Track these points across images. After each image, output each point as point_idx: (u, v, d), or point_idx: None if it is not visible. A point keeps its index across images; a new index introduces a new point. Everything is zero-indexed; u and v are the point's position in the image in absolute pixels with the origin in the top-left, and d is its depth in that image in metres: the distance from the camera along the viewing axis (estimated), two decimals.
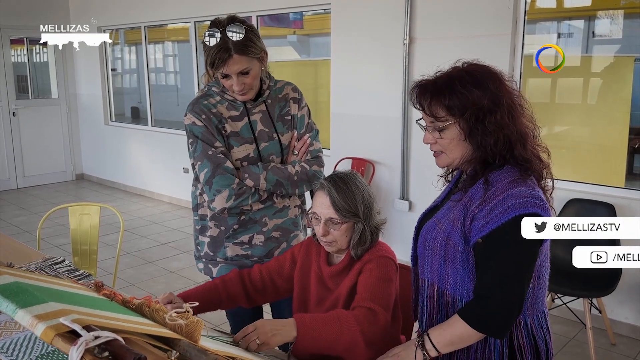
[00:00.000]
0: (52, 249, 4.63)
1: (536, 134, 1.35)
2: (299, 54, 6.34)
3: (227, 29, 1.75)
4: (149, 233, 5.41)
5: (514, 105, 1.31)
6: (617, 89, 3.75)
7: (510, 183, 1.27)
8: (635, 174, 4.23)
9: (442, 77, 1.33)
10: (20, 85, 7.59)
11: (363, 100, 4.53)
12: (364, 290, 1.49)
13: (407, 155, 4.26)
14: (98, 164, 7.75)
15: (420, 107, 1.35)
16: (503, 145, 1.29)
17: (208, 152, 1.83)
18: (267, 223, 1.93)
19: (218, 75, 1.85)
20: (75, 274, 2.15)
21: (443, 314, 1.39)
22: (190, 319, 1.06)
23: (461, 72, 1.32)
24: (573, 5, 3.93)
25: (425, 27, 4.04)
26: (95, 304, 1.09)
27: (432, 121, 1.34)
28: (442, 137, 1.34)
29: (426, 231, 1.42)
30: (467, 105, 1.28)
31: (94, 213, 3.02)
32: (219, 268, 2.00)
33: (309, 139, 1.98)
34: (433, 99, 1.32)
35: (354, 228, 1.55)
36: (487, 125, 1.27)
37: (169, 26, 7.00)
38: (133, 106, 7.86)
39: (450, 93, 1.29)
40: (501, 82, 1.31)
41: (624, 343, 3.24)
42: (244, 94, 1.86)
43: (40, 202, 6.64)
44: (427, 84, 1.34)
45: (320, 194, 1.56)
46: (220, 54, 1.74)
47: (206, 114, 1.85)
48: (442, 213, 1.40)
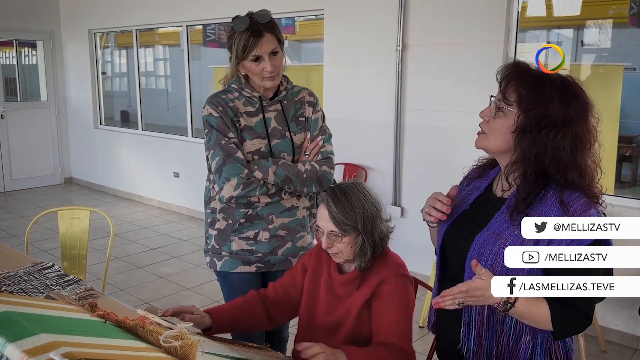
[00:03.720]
0: (40, 253, 4.58)
1: (595, 175, 1.30)
2: (291, 59, 6.35)
3: (255, 15, 1.87)
4: (139, 238, 5.37)
5: (583, 137, 1.26)
6: (606, 98, 3.79)
7: (586, 204, 1.25)
8: (624, 181, 4.27)
9: (539, 72, 1.29)
10: (8, 87, 7.52)
11: (355, 106, 4.53)
12: (390, 325, 1.50)
13: (400, 161, 4.27)
14: (87, 167, 7.68)
15: (500, 81, 1.31)
16: (550, 163, 1.25)
17: (221, 142, 1.90)
18: (273, 220, 1.97)
19: (245, 65, 1.90)
20: (65, 279, 2.12)
21: (492, 330, 1.36)
22: (185, 340, 1.05)
23: (559, 79, 1.28)
24: (562, 15, 3.97)
25: (418, 33, 4.06)
26: (88, 330, 1.07)
27: (500, 99, 1.30)
28: (495, 118, 1.31)
29: (481, 245, 1.33)
30: (539, 105, 1.24)
31: (84, 217, 2.98)
32: (223, 262, 2.03)
33: (321, 141, 2.04)
34: (514, 80, 1.28)
35: (357, 240, 1.54)
36: (542, 135, 1.24)
37: (160, 30, 6.98)
38: (123, 110, 7.82)
39: (532, 86, 1.26)
40: (585, 112, 1.27)
41: (614, 350, 3.25)
42: (273, 78, 1.92)
43: (28, 205, 6.56)
44: (522, 68, 1.30)
45: (321, 207, 1.57)
46: (252, 35, 1.84)
47: (223, 106, 1.94)
48: (498, 226, 1.33)
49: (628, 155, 4.07)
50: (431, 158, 4.07)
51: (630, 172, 4.30)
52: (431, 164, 4.07)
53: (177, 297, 3.93)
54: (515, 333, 1.35)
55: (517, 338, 1.35)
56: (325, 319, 1.62)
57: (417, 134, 4.17)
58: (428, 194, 1.52)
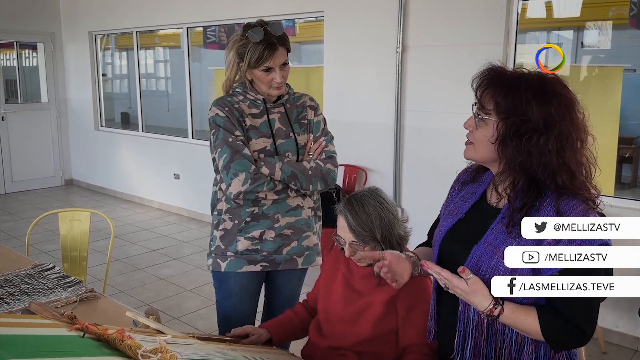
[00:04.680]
0: (41, 255, 4.58)
1: (591, 171, 1.25)
2: (291, 61, 6.35)
3: (269, 27, 1.93)
4: (139, 239, 5.37)
5: (569, 136, 1.20)
6: (606, 99, 3.79)
7: (583, 213, 1.21)
8: (624, 183, 4.28)
9: (515, 73, 1.24)
10: (9, 89, 7.53)
11: (356, 108, 4.54)
12: (418, 330, 1.57)
13: (400, 162, 4.27)
14: (87, 169, 7.69)
15: (475, 90, 1.27)
16: (538, 169, 1.20)
17: (228, 139, 1.94)
18: (279, 220, 2.01)
19: (254, 73, 1.96)
20: (66, 281, 2.13)
21: (492, 341, 1.32)
22: (164, 354, 1.05)
23: (535, 78, 1.23)
24: (562, 16, 3.98)
25: (418, 35, 4.06)
26: (64, 349, 1.06)
27: (478, 108, 1.26)
28: (477, 129, 1.27)
29: (478, 258, 1.27)
30: (515, 111, 1.20)
31: (85, 219, 2.98)
32: (227, 262, 2.05)
33: (324, 142, 2.10)
34: (489, 87, 1.24)
35: (376, 249, 1.60)
36: (523, 142, 1.19)
37: (160, 32, 6.98)
38: (123, 111, 7.82)
39: (508, 91, 1.21)
40: (568, 109, 1.21)
41: (614, 351, 3.25)
42: (280, 87, 2.00)
43: (29, 207, 6.56)
44: (496, 72, 1.25)
45: (340, 218, 1.65)
46: (267, 49, 1.91)
47: (229, 107, 1.99)
48: (494, 237, 1.27)
49: (628, 157, 4.07)
50: (431, 159, 4.07)
51: (631, 174, 4.31)
52: (431, 166, 4.06)
53: (177, 299, 3.93)
54: (517, 344, 1.30)
55: (519, 349, 1.30)
56: (344, 310, 1.67)
57: (417, 136, 4.17)
58: (428, 195, 1.53)
